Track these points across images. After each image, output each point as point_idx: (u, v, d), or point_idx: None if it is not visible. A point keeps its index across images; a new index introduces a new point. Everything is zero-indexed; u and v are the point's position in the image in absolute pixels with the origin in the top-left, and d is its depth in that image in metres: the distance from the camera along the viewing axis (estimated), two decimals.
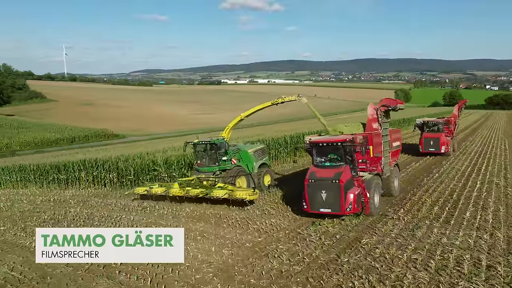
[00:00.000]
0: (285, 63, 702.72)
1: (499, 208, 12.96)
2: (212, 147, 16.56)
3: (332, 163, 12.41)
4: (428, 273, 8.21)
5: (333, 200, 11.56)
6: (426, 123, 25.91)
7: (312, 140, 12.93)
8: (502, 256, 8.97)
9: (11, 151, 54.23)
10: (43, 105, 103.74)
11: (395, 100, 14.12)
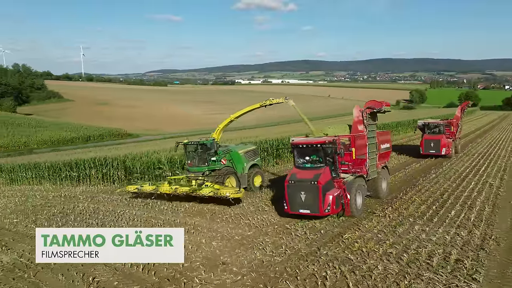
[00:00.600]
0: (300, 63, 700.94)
1: (485, 207, 13.38)
2: (201, 147, 16.99)
3: (313, 165, 12.56)
4: (399, 265, 8.80)
5: (312, 201, 11.69)
6: (427, 125, 25.92)
7: (293, 141, 13.12)
8: (473, 251, 9.47)
9: (28, 149, 56.13)
10: (60, 104, 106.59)
11: (380, 102, 14.08)
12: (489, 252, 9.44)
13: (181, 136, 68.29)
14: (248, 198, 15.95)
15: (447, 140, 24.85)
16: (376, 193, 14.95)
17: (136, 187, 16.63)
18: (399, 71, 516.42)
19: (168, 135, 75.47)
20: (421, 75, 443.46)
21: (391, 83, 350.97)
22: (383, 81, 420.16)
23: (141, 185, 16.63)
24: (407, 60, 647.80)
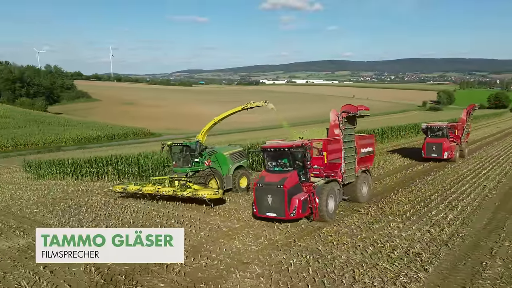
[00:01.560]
0: (325, 63, 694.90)
1: (468, 208, 13.93)
2: (185, 149, 17.39)
3: (281, 169, 12.68)
4: (362, 256, 9.68)
5: (278, 204, 11.76)
6: (429, 128, 25.75)
7: (263, 145, 13.45)
8: (436, 246, 10.22)
9: (57, 147, 59.26)
10: (88, 104, 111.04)
11: (355, 106, 14.00)
12: (451, 248, 10.16)
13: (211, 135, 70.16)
14: (243, 196, 17.04)
15: (450, 144, 24.69)
16: (354, 197, 14.91)
17: (122, 187, 17.27)
18: (428, 71, 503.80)
19: (189, 134, 77.36)
20: (451, 76, 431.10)
21: (419, 84, 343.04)
22: (411, 81, 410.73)
23: (127, 185, 17.27)
24: (437, 60, 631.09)
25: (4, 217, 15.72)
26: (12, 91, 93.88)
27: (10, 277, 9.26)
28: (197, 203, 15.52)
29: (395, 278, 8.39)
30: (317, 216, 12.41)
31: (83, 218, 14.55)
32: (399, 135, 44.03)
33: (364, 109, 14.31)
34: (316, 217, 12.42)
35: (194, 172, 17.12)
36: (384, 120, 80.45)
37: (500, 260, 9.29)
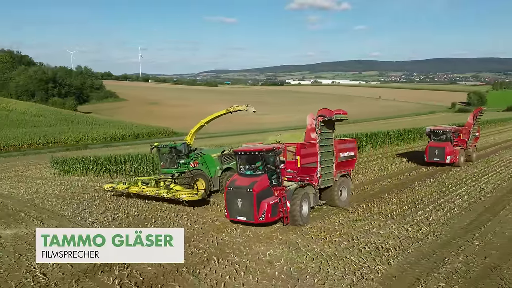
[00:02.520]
0: (353, 63, 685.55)
1: (454, 210, 14.44)
2: (172, 150, 17.72)
3: (252, 172, 12.70)
4: (335, 249, 10.54)
5: (248, 208, 11.77)
6: (433, 132, 25.12)
7: (234, 148, 13.69)
8: (407, 244, 10.93)
9: (84, 145, 62.15)
10: (115, 103, 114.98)
11: (331, 111, 13.71)
12: (422, 245, 10.86)
13: (221, 136, 71.70)
14: None
15: (454, 148, 24.16)
16: (332, 202, 14.84)
17: (111, 186, 17.77)
18: (460, 71, 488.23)
19: (211, 134, 79.11)
20: (485, 76, 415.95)
21: (450, 84, 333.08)
22: (442, 82, 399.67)
23: (117, 184, 17.79)
24: (469, 59, 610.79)
25: (26, 208, 17.38)
26: (45, 91, 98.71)
27: (24, 258, 10.65)
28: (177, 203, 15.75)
29: (357, 269, 9.22)
30: (288, 221, 12.45)
31: (94, 210, 16.00)
32: (416, 137, 43.75)
33: (342, 113, 14.02)
34: (288, 222, 12.46)
35: (180, 173, 17.26)
36: (408, 122, 79.57)
37: (463, 257, 9.92)
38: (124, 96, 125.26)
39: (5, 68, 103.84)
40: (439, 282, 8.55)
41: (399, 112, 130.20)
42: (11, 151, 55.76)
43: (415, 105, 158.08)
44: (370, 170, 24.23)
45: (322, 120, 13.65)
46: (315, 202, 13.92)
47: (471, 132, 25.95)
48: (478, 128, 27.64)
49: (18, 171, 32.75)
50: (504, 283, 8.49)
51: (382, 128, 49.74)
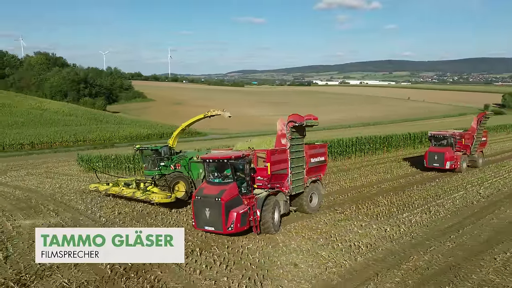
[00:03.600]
0: (383, 63, 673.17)
1: (441, 213, 14.93)
2: (154, 153, 18.11)
3: (221, 180, 12.29)
4: (310, 245, 11.41)
5: (216, 218, 11.37)
6: (433, 136, 24.79)
7: (201, 156, 13.22)
8: (381, 242, 11.65)
9: (111, 144, 65.03)
10: (143, 104, 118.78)
11: (302, 116, 13.43)
12: (395, 244, 11.56)
13: (242, 136, 72.90)
14: None
15: (455, 154, 23.65)
16: (302, 208, 14.79)
17: (95, 186, 18.45)
18: (497, 71, 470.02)
19: (233, 134, 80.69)
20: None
21: (485, 85, 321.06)
22: (476, 82, 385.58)
23: (102, 184, 18.39)
24: (507, 59, 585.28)
25: (47, 201, 19.11)
26: (77, 92, 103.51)
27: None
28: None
29: (324, 263, 10.09)
30: (258, 229, 12.21)
31: (105, 205, 17.49)
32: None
33: (312, 119, 13.65)
34: (258, 230, 12.21)
35: (160, 175, 17.59)
36: (435, 124, 78.09)
37: (428, 256, 10.58)
38: (152, 96, 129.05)
39: (41, 70, 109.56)
40: (395, 277, 9.29)
41: (429, 113, 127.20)
42: (43, 148, 59.13)
43: (446, 107, 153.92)
44: (375, 172, 24.70)
45: (292, 125, 13.34)
46: (286, 209, 13.75)
47: (475, 137, 25.20)
48: (484, 133, 26.83)
49: (48, 167, 35.05)
50: (456, 280, 9.13)
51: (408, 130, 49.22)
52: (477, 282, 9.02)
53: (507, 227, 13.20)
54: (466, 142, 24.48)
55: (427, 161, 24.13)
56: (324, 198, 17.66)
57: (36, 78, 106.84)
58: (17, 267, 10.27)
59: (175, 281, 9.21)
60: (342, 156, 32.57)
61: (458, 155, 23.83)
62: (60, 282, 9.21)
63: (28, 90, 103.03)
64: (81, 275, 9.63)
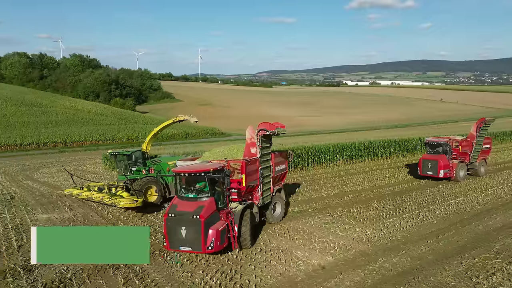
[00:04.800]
0: (416, 63, 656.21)
1: (429, 218, 15.38)
2: (126, 157, 18.20)
3: (196, 195, 11.33)
4: (289, 245, 12.30)
5: (194, 237, 10.42)
6: (428, 143, 23.97)
7: (175, 168, 12.11)
8: (356, 244, 12.38)
9: (138, 143, 67.67)
10: (171, 104, 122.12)
11: (273, 124, 13.07)
12: (370, 247, 12.26)
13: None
14: None
15: (451, 162, 22.72)
16: (267, 219, 14.49)
17: (69, 191, 18.47)
18: None
19: None
20: None
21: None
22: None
23: (77, 189, 18.42)
24: None
25: (65, 198, 20.83)
26: (108, 92, 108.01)
27: None
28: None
29: (295, 261, 10.99)
30: (236, 246, 11.58)
31: None
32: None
33: (280, 126, 13.17)
34: (236, 247, 11.58)
35: (133, 180, 17.56)
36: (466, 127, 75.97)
37: (397, 259, 11.25)
38: (180, 97, 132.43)
39: (75, 71, 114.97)
40: (357, 277, 10.06)
41: (461, 115, 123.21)
42: (75, 146, 62.41)
43: (480, 109, 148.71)
44: (381, 177, 25.02)
45: (263, 134, 12.96)
46: (256, 221, 13.26)
47: (475, 145, 23.83)
48: (487, 140, 25.34)
49: (77, 165, 37.25)
50: (414, 281, 9.78)
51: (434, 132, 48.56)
52: (433, 284, 9.65)
53: (488, 234, 13.54)
54: (463, 150, 23.39)
55: (420, 169, 23.21)
56: (319, 200, 18.56)
57: (71, 79, 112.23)
58: (26, 255, 11.75)
59: (157, 272, 10.40)
60: (354, 160, 32.78)
61: (454, 163, 22.83)
62: (59, 269, 10.61)
63: (63, 90, 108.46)
64: (79, 264, 10.98)
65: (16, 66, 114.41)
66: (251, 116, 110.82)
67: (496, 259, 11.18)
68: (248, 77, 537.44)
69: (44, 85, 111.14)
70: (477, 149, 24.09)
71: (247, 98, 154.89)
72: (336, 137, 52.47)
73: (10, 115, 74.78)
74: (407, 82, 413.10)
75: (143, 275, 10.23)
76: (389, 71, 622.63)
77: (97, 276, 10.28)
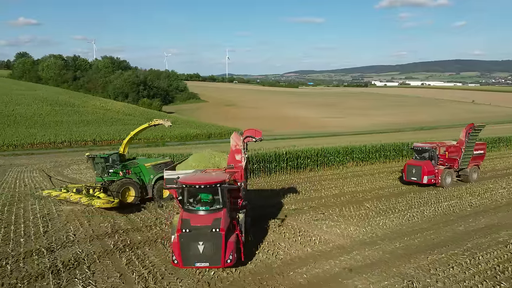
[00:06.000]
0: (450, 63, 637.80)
1: (414, 219, 16.42)
2: (104, 160, 18.65)
3: (208, 207, 10.94)
4: (275, 238, 13.80)
5: (213, 252, 10.12)
6: (414, 148, 23.92)
7: (182, 180, 11.11)
8: (335, 239, 13.69)
9: (163, 142, 70.62)
10: (196, 105, 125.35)
11: (259, 131, 13.48)
12: (349, 242, 13.56)
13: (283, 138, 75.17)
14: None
15: (436, 168, 22.59)
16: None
17: (47, 192, 18.84)
18: None
19: (277, 136, 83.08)
20: None
21: None
22: None
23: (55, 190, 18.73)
24: None
25: None
26: (136, 93, 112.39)
27: (68, 224, 15.73)
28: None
29: (277, 251, 12.44)
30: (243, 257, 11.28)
31: None
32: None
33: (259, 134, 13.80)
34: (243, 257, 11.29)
35: (110, 181, 18.30)
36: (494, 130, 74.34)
37: (369, 252, 12.52)
38: (206, 98, 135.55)
39: (106, 72, 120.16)
40: (327, 265, 11.41)
41: (492, 118, 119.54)
42: (104, 145, 65.87)
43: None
44: (385, 179, 25.85)
45: (249, 141, 13.30)
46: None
47: (464, 150, 23.43)
48: (479, 146, 24.92)
49: None
50: (377, 271, 11.02)
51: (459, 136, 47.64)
52: (393, 273, 10.89)
53: (467, 234, 14.47)
54: (451, 156, 23.08)
55: (405, 174, 23.15)
56: (317, 200, 19.89)
57: (102, 80, 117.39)
58: (50, 239, 13.84)
59: (155, 255, 12.15)
60: (365, 162, 33.46)
61: (439, 169, 22.67)
62: (76, 251, 12.56)
63: (94, 91, 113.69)
64: (91, 247, 12.92)
65: (52, 67, 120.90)
66: (274, 117, 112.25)
67: (463, 255, 12.23)
68: (275, 77, 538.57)
69: (77, 86, 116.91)
70: (467, 155, 23.82)
71: (272, 99, 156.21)
72: (357, 139, 52.67)
73: (45, 115, 79.48)
74: (439, 82, 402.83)
75: (143, 258, 12.01)
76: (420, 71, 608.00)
77: (105, 257, 12.14)
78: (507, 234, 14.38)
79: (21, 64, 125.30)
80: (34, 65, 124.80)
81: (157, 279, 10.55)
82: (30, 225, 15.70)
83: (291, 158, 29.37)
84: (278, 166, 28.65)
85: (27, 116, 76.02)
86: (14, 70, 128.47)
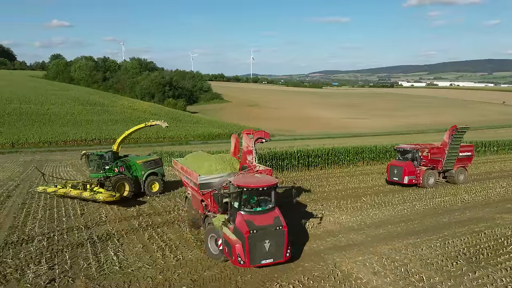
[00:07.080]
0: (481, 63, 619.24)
1: (403, 212, 18.20)
2: (99, 157, 19.99)
3: (264, 207, 11.63)
4: None
5: (277, 248, 10.97)
6: (397, 150, 24.71)
7: (239, 183, 11.59)
8: (328, 224, 15.70)
9: (186, 141, 73.82)
10: (219, 105, 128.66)
11: (268, 133, 14.21)
12: (335, 229, 15.55)
13: (303, 139, 76.82)
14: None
15: (418, 168, 23.26)
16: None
17: (43, 188, 19.90)
18: None
19: (297, 136, 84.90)
20: None
21: None
22: None
23: (50, 186, 20.11)
24: None
25: None
26: (162, 93, 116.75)
27: (100, 210, 18.44)
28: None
29: None
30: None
31: None
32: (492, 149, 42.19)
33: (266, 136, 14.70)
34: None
35: (105, 177, 19.60)
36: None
37: (353, 236, 14.50)
38: (229, 98, 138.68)
39: (134, 73, 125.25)
40: (314, 244, 13.48)
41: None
42: (130, 143, 69.63)
43: None
44: None
45: (260, 142, 14.05)
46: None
47: (447, 152, 23.84)
48: (466, 147, 25.41)
49: None
50: (357, 250, 13.02)
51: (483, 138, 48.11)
52: (369, 252, 12.85)
53: (448, 224, 16.09)
54: (434, 157, 23.74)
55: (388, 175, 24.05)
56: (319, 194, 21.88)
57: (130, 81, 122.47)
58: (86, 219, 16.61)
59: (172, 233, 14.63)
60: (376, 162, 34.90)
61: (421, 170, 23.29)
62: (107, 229, 15.23)
63: (123, 91, 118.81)
64: (120, 226, 15.53)
65: (83, 69, 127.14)
66: (296, 117, 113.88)
67: (436, 240, 13.99)
68: (300, 78, 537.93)
69: (107, 86, 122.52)
70: (452, 156, 24.19)
71: (295, 99, 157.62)
72: (377, 140, 53.49)
73: (77, 114, 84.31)
74: (469, 83, 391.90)
75: (162, 234, 14.51)
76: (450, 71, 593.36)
77: (131, 234, 14.73)
78: (485, 225, 15.87)
79: (55, 66, 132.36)
80: (67, 66, 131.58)
81: (172, 250, 13.03)
82: (69, 208, 18.57)
83: (302, 156, 31.36)
84: (289, 164, 30.72)
85: (61, 115, 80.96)
86: (49, 71, 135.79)
